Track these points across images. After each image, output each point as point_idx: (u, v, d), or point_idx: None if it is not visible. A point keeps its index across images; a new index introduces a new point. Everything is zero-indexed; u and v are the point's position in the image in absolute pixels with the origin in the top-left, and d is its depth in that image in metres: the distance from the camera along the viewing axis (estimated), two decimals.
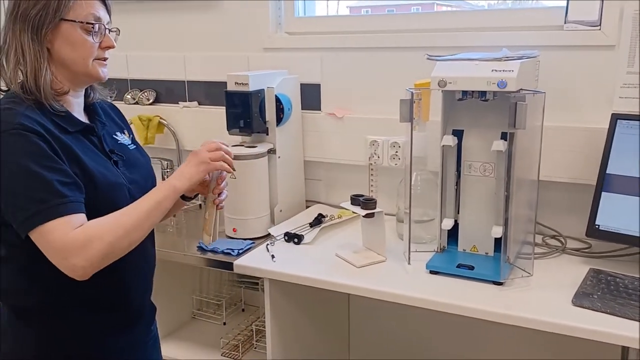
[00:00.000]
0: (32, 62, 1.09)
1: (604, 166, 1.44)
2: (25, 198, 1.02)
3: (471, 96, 1.34)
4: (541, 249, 1.56)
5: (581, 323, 1.17)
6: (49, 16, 1.08)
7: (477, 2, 1.94)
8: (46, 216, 1.01)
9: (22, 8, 1.09)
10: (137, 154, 1.28)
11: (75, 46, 1.11)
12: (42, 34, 1.09)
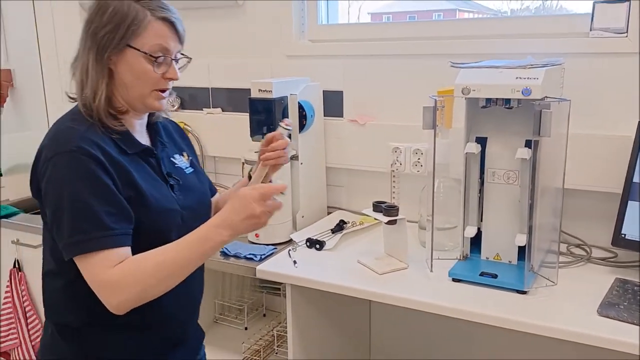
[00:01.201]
0: (93, 81, 1.08)
1: (630, 174, 1.42)
2: (69, 225, 1.01)
3: (495, 104, 1.33)
4: (566, 257, 1.54)
5: (607, 333, 1.15)
6: (115, 40, 1.07)
7: (500, 8, 1.93)
8: (87, 248, 1.01)
9: (93, 25, 1.08)
10: (194, 179, 1.26)
11: (137, 74, 1.10)
12: (106, 56, 1.08)
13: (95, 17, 1.08)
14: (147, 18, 1.08)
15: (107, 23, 1.07)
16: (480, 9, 2.02)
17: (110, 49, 1.07)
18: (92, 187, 1.02)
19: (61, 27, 2.45)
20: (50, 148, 1.04)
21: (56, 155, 1.02)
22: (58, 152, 1.02)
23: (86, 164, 1.02)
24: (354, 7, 2.13)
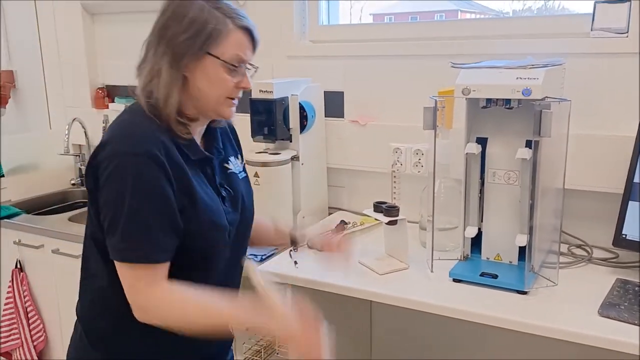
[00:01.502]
0: (166, 87, 1.06)
1: (631, 175, 1.42)
2: (123, 230, 1.00)
3: (495, 104, 1.33)
4: (567, 258, 1.54)
5: (608, 334, 1.15)
6: (196, 47, 1.05)
7: (501, 8, 1.93)
8: (133, 258, 1.01)
9: (171, 30, 1.06)
10: (244, 186, 1.25)
11: (213, 82, 1.08)
12: (183, 62, 1.05)
13: (171, 22, 1.06)
14: (228, 26, 1.06)
15: (186, 29, 1.05)
16: (482, 10, 2.02)
17: (188, 56, 1.05)
18: (153, 198, 1.01)
19: (63, 28, 2.46)
20: (118, 144, 1.02)
21: (124, 155, 1.00)
22: (126, 153, 1.00)
23: (152, 171, 1.00)
24: (356, 8, 2.14)
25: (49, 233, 1.97)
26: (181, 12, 1.06)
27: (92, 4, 2.38)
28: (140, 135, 1.03)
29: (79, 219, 2.12)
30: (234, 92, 1.11)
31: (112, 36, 2.42)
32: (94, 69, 2.47)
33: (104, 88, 2.47)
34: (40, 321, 2.08)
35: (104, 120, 2.42)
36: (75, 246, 1.90)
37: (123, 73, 2.42)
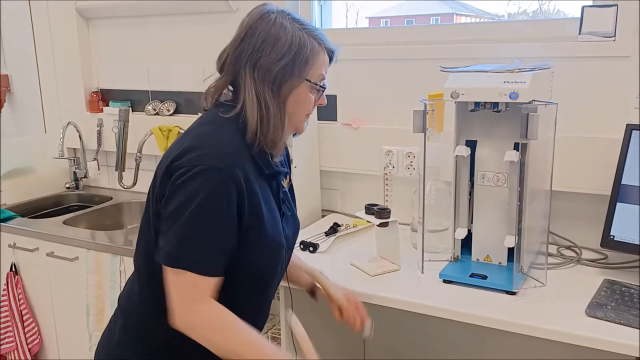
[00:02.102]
0: (277, 120, 1.07)
1: (618, 177, 1.44)
2: (181, 237, 1.00)
3: (484, 107, 1.35)
4: (556, 259, 1.56)
5: (594, 333, 1.16)
6: (295, 75, 1.06)
7: (497, 12, 1.95)
8: (188, 265, 0.99)
9: (264, 57, 1.05)
10: (292, 203, 1.26)
11: (301, 104, 1.10)
12: (285, 92, 1.07)
13: (264, 47, 1.06)
14: (320, 50, 1.09)
15: (283, 56, 1.05)
16: (478, 13, 2.03)
17: (289, 82, 1.07)
18: (220, 214, 1.00)
19: (58, 32, 2.47)
20: (203, 154, 1.01)
21: (206, 167, 0.99)
22: (208, 165, 1.00)
23: (228, 190, 1.00)
24: (352, 12, 2.15)
25: (44, 236, 1.98)
26: (274, 37, 1.06)
27: (86, 8, 2.39)
28: (229, 152, 1.03)
29: (74, 222, 2.14)
30: (311, 109, 1.14)
31: (106, 40, 2.43)
32: (89, 72, 2.48)
33: (99, 92, 2.48)
34: (35, 324, 2.09)
35: (98, 124, 2.43)
36: (69, 249, 1.91)
37: (118, 77, 2.44)
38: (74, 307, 1.96)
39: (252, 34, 1.07)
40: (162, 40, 2.28)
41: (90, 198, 2.48)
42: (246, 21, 1.10)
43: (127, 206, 2.37)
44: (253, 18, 1.09)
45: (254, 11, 1.11)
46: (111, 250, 1.82)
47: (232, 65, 1.09)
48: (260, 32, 1.07)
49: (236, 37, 1.10)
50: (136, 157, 2.23)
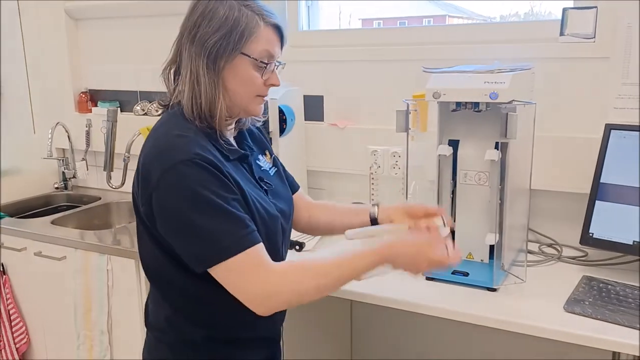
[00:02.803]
0: (208, 91, 1.05)
1: (597, 175, 1.46)
2: (213, 231, 0.98)
3: (465, 107, 1.37)
4: (537, 256, 1.58)
5: (572, 329, 1.19)
6: (229, 47, 1.04)
7: (489, 14, 1.97)
8: (240, 246, 0.98)
9: (201, 32, 1.05)
10: (278, 180, 1.25)
11: (243, 81, 1.08)
12: (219, 65, 1.05)
13: (201, 22, 1.05)
14: (259, 24, 1.07)
15: (218, 29, 1.04)
16: (470, 15, 2.05)
17: (224, 57, 1.05)
18: (221, 190, 1.00)
19: (46, 33, 2.47)
20: (166, 159, 1.00)
21: (176, 164, 0.98)
22: (178, 161, 0.98)
23: (209, 170, 1.00)
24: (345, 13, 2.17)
25: (32, 236, 1.99)
26: (211, 11, 1.05)
27: (75, 9, 2.39)
28: (185, 144, 1.01)
29: (62, 222, 2.14)
30: (263, 89, 1.11)
31: (95, 41, 2.44)
32: (78, 73, 2.49)
33: (87, 92, 2.49)
34: (23, 323, 2.09)
35: (87, 124, 2.44)
36: (57, 249, 1.92)
37: (106, 77, 2.45)
38: (62, 306, 1.97)
39: (193, 12, 1.07)
40: (150, 40, 2.29)
41: (79, 198, 2.48)
42: (192, 2, 1.10)
43: (115, 206, 2.38)
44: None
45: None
46: (98, 250, 1.83)
47: (175, 45, 1.11)
48: (199, 7, 1.06)
49: (183, 18, 1.10)
50: (124, 157, 2.24)
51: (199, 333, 1.12)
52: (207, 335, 1.12)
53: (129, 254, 1.78)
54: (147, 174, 1.02)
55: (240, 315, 1.03)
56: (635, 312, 1.21)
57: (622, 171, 1.43)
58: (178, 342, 1.14)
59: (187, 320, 1.12)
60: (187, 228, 0.99)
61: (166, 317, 1.14)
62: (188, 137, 1.03)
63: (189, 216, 0.98)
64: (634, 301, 1.25)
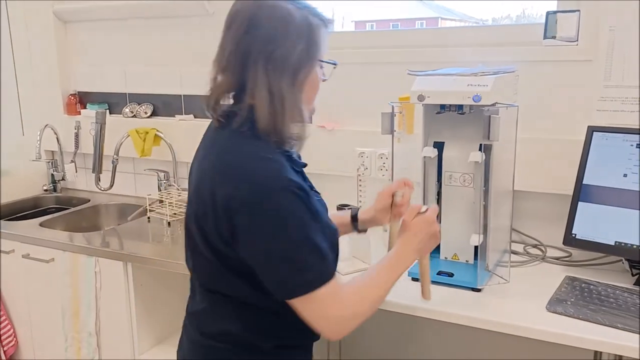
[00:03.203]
0: (294, 110, 1.02)
1: (580, 177, 1.48)
2: (298, 264, 0.97)
3: (449, 109, 1.39)
4: (522, 257, 1.60)
5: (554, 328, 1.20)
6: (309, 59, 1.02)
7: (481, 16, 1.99)
8: (316, 283, 0.98)
9: (279, 50, 0.99)
10: None
11: (314, 86, 1.06)
12: (300, 78, 1.02)
13: (273, 37, 0.99)
14: (321, 26, 1.05)
15: (296, 43, 1.00)
16: (462, 17, 2.07)
17: (304, 70, 1.02)
18: (312, 216, 0.99)
19: (35, 35, 2.47)
20: (260, 185, 0.96)
21: (272, 192, 0.95)
22: (274, 189, 0.96)
23: (301, 195, 0.97)
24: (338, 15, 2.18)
25: (20, 238, 1.99)
26: (282, 26, 1.00)
27: (64, 11, 2.39)
28: (277, 169, 0.98)
29: (50, 224, 2.14)
30: None
31: (84, 43, 2.44)
32: (67, 75, 2.49)
33: (76, 95, 2.49)
34: (11, 326, 2.09)
35: (75, 126, 2.44)
36: (45, 251, 1.92)
37: (95, 80, 2.45)
38: (50, 308, 1.97)
39: (257, 24, 1.00)
40: (139, 43, 2.30)
41: (68, 200, 2.48)
42: (241, 12, 1.02)
43: (104, 208, 2.38)
44: (249, 6, 1.02)
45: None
46: (86, 252, 1.83)
47: (239, 63, 1.02)
48: (266, 20, 1.00)
49: (234, 31, 1.02)
50: (113, 160, 2.24)
51: (269, 342, 1.12)
52: (275, 345, 1.12)
53: (117, 255, 1.78)
54: (232, 197, 0.97)
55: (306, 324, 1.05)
56: (617, 311, 1.23)
57: (604, 173, 1.45)
58: (244, 351, 1.11)
59: (259, 333, 1.10)
60: (276, 258, 0.97)
61: (234, 330, 1.10)
62: (277, 161, 0.99)
63: (279, 246, 0.97)
64: (615, 301, 1.27)
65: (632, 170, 1.41)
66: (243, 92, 1.04)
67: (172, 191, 2.20)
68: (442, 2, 2.22)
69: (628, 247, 1.40)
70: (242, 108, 1.03)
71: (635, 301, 1.27)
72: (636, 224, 1.39)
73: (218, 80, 1.07)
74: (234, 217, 0.98)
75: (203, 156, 1.10)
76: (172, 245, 1.88)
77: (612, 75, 1.55)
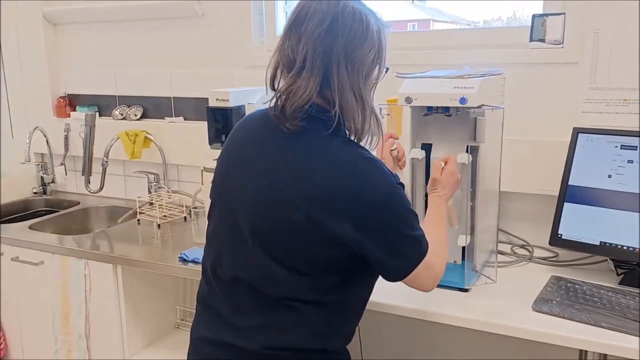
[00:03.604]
0: (372, 108, 1.08)
1: (566, 177, 1.50)
2: (414, 239, 1.07)
3: (436, 111, 1.40)
4: (509, 257, 1.62)
5: (539, 327, 1.22)
6: (380, 64, 1.09)
7: (473, 18, 2.00)
8: (427, 247, 1.08)
9: (358, 52, 1.03)
10: None
11: (374, 87, 1.12)
12: (370, 83, 1.09)
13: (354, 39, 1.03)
14: (386, 31, 1.11)
15: (371, 46, 1.05)
16: (454, 19, 2.08)
17: (374, 71, 1.09)
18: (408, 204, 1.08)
19: (24, 38, 2.46)
20: (377, 182, 1.02)
21: (393, 187, 1.03)
22: (392, 185, 1.03)
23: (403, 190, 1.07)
24: None
25: (9, 241, 1.98)
26: (362, 26, 1.04)
27: (53, 13, 2.39)
28: (383, 167, 1.06)
29: (40, 227, 2.13)
30: None
31: (74, 45, 2.43)
32: (56, 78, 2.48)
33: (66, 97, 2.48)
34: (0, 329, 2.08)
35: (65, 129, 2.43)
36: (34, 254, 1.91)
37: (85, 82, 2.45)
38: (40, 311, 1.96)
39: (341, 25, 1.02)
40: (129, 44, 2.30)
41: (58, 203, 2.48)
42: (319, 11, 1.03)
43: (94, 211, 2.37)
44: (327, 6, 1.03)
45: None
46: (76, 254, 1.83)
47: (321, 61, 1.02)
48: (347, 22, 1.03)
49: (311, 30, 1.02)
50: (102, 162, 2.24)
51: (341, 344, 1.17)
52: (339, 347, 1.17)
53: (106, 258, 1.78)
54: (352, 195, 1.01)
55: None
56: (602, 311, 1.25)
57: (590, 173, 1.47)
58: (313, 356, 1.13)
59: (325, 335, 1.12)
60: (402, 240, 1.06)
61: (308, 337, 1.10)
62: (377, 159, 1.07)
63: (404, 231, 1.06)
64: (600, 300, 1.29)
65: (616, 171, 1.43)
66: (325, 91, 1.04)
67: (162, 193, 2.20)
68: (434, 4, 2.23)
69: (613, 247, 1.41)
70: (331, 111, 1.03)
71: (620, 300, 1.28)
72: (620, 224, 1.41)
73: (298, 82, 1.03)
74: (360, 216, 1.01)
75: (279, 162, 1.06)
76: (162, 247, 1.89)
77: (597, 78, 1.57)
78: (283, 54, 1.07)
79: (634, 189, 1.40)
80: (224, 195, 1.14)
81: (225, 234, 1.13)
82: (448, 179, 1.28)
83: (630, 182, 1.41)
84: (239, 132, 1.21)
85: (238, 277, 1.10)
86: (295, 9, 1.08)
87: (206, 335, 1.15)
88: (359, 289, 1.16)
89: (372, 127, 1.08)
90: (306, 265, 1.06)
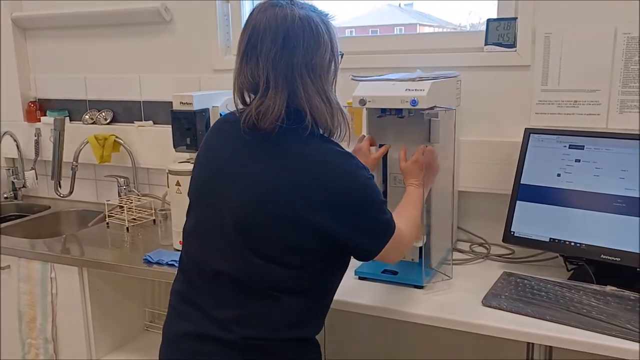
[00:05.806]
0: (337, 104, 1.14)
1: (518, 177, 1.55)
2: (386, 220, 1.15)
3: (390, 113, 1.44)
4: (467, 255, 1.66)
5: (487, 321, 1.26)
6: (335, 55, 1.13)
7: (459, 22, 2.03)
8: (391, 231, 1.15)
9: (316, 57, 1.08)
10: None
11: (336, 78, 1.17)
12: (331, 77, 1.14)
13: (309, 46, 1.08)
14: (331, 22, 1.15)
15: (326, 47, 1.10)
16: (440, 23, 2.12)
17: (333, 66, 1.14)
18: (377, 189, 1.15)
19: None
20: (353, 175, 1.10)
21: (365, 179, 1.11)
22: (365, 177, 1.11)
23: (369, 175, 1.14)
24: None
25: None
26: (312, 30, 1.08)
27: (23, 19, 2.40)
28: (355, 158, 1.13)
29: (9, 231, 2.14)
30: None
31: (44, 50, 2.44)
32: (26, 82, 2.49)
33: (37, 102, 2.49)
34: None
35: (36, 133, 2.44)
36: (4, 258, 1.92)
37: (55, 87, 2.46)
38: (7, 315, 1.96)
39: (294, 39, 1.07)
40: (99, 50, 2.32)
41: (29, 208, 2.48)
42: (269, 30, 1.07)
43: (65, 215, 2.38)
44: (276, 23, 1.07)
45: (270, 14, 1.07)
46: (41, 258, 1.84)
47: (284, 78, 1.07)
48: (298, 35, 1.07)
49: (267, 50, 1.07)
50: (72, 166, 2.25)
51: (314, 332, 1.19)
52: (314, 334, 1.20)
53: (72, 261, 1.79)
54: (332, 188, 1.07)
55: None
56: (547, 304, 1.29)
57: (540, 172, 1.52)
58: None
59: (311, 323, 1.18)
60: (376, 223, 1.14)
61: (286, 326, 1.13)
62: (351, 154, 1.14)
63: (377, 215, 1.13)
64: (547, 294, 1.34)
65: (565, 170, 1.48)
66: (293, 103, 1.10)
67: (132, 197, 2.21)
68: (422, 8, 2.27)
69: (562, 244, 1.46)
70: (304, 118, 1.09)
71: (565, 294, 1.33)
72: (569, 221, 1.46)
73: (265, 102, 1.08)
74: (337, 209, 1.08)
75: (263, 167, 1.10)
76: (131, 250, 1.90)
77: (549, 80, 1.62)
78: (245, 79, 1.11)
79: (581, 187, 1.46)
80: (206, 195, 1.18)
81: (208, 230, 1.16)
82: (412, 167, 1.35)
83: (577, 180, 1.46)
84: (217, 134, 1.24)
85: (221, 271, 1.12)
86: (245, 30, 1.11)
87: (187, 330, 1.15)
88: (336, 274, 1.21)
89: (339, 120, 1.15)
90: (294, 258, 1.10)
